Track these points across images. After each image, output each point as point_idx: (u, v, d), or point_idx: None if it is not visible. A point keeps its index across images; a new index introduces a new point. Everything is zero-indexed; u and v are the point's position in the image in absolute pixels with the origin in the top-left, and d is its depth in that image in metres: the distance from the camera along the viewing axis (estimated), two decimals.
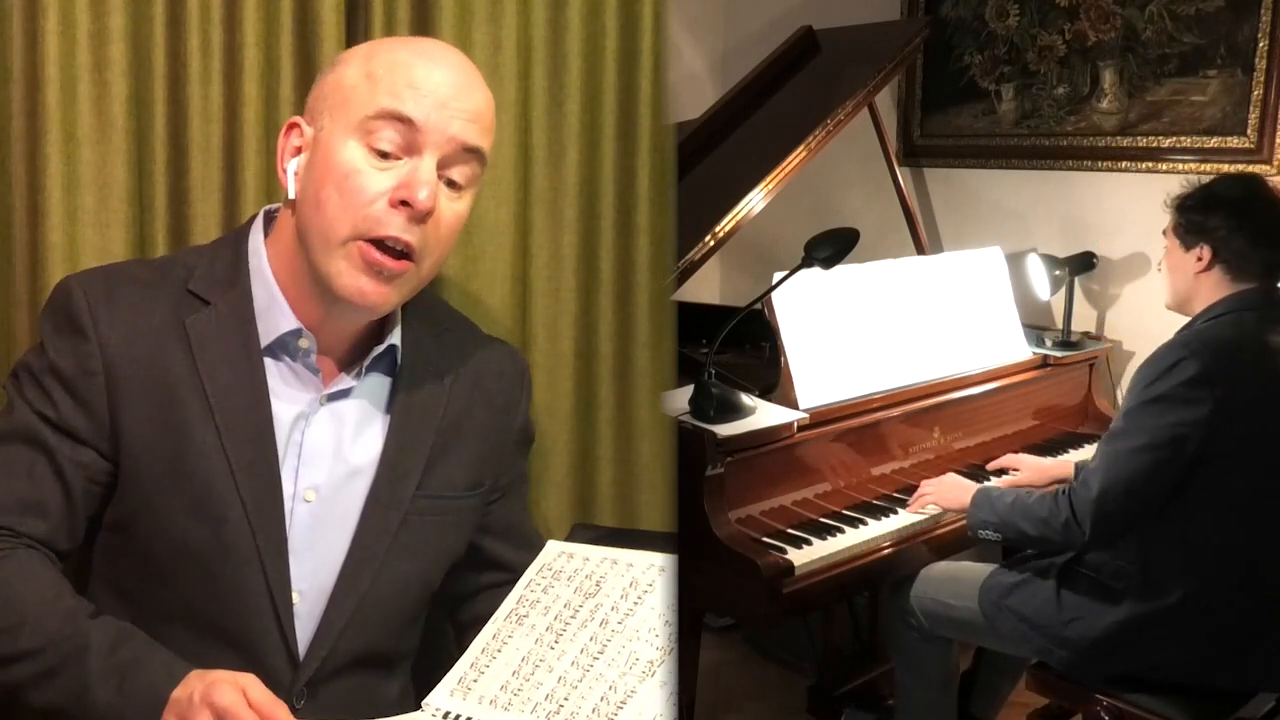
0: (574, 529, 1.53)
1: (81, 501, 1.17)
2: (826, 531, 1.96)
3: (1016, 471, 2.25)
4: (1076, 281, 2.63)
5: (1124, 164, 2.65)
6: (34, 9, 1.39)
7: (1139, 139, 2.62)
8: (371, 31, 1.55)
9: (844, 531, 1.97)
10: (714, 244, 2.12)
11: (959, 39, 2.93)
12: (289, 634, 1.19)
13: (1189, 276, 1.87)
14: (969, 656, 2.32)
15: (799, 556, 1.85)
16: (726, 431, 1.85)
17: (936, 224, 3.06)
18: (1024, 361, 2.44)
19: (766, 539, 1.91)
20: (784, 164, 2.22)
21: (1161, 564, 1.76)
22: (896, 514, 2.06)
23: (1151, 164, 2.59)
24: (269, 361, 1.20)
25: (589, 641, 1.18)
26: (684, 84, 3.20)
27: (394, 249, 1.15)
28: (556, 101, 1.63)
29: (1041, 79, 2.78)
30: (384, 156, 1.14)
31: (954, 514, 2.04)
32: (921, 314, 2.28)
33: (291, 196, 1.19)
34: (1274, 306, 1.83)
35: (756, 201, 2.18)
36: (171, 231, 1.50)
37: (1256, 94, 2.41)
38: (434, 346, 1.32)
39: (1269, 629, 1.76)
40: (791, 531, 1.95)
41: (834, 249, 1.93)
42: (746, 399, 1.94)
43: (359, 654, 1.24)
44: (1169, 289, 1.94)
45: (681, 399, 1.92)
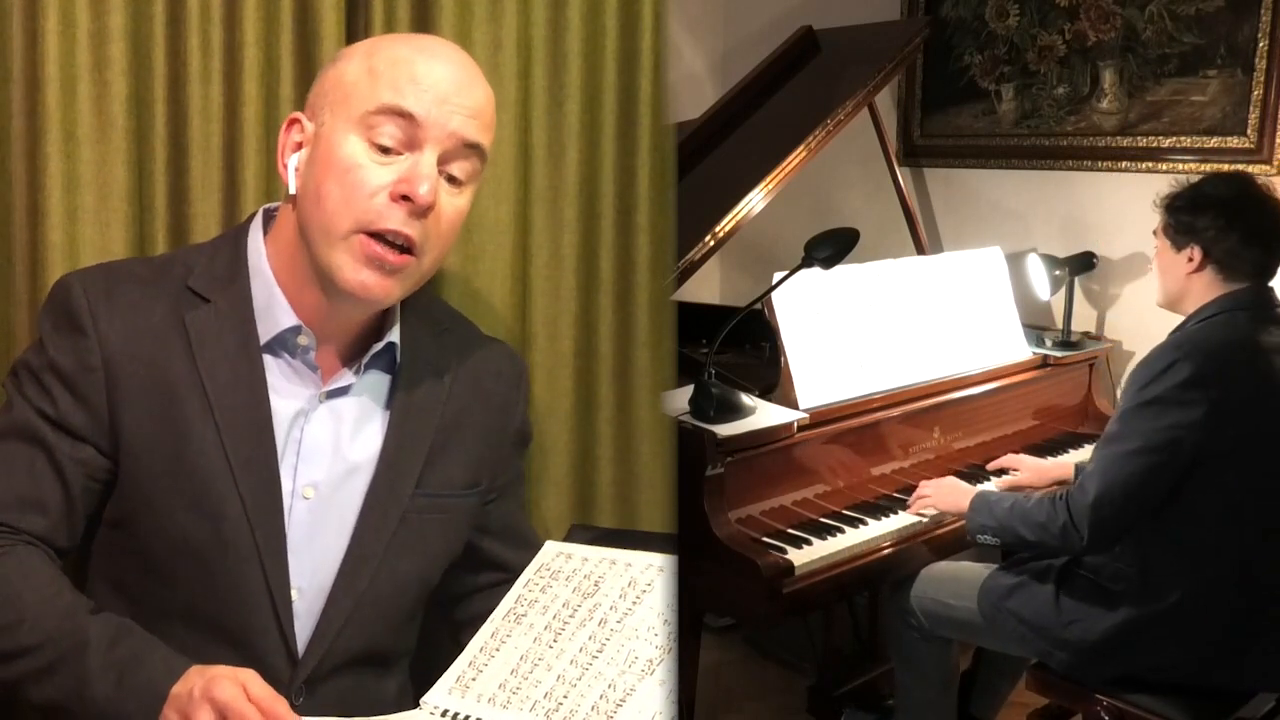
0: (571, 530, 1.53)
1: (81, 498, 1.17)
2: (826, 531, 1.96)
3: (1016, 471, 2.25)
4: (1076, 281, 2.63)
5: (1124, 164, 2.65)
6: (34, 9, 1.39)
7: (1139, 139, 2.62)
8: (371, 30, 1.55)
9: (844, 531, 1.97)
10: (714, 244, 2.12)
11: (959, 39, 2.93)
12: (288, 631, 1.19)
13: (1180, 277, 1.87)
14: (969, 656, 2.32)
15: (799, 556, 1.85)
16: (726, 431, 1.85)
17: (936, 224, 3.06)
18: (1024, 361, 2.44)
19: (766, 539, 1.90)
20: (784, 164, 2.22)
21: (1160, 566, 1.76)
22: (896, 514, 2.05)
23: (1151, 164, 2.59)
24: (268, 358, 1.21)
25: (588, 640, 1.18)
26: (684, 84, 3.20)
27: (395, 243, 1.15)
28: (556, 101, 1.63)
29: (1041, 79, 2.78)
30: (385, 151, 1.15)
31: (954, 514, 2.04)
32: (921, 314, 2.28)
33: (292, 191, 1.19)
34: (1266, 306, 1.83)
35: (756, 201, 2.18)
36: (171, 231, 1.50)
37: (1256, 94, 2.41)
38: (433, 345, 1.32)
39: (1265, 629, 1.76)
40: (791, 531, 1.95)
41: (834, 249, 1.93)
42: (746, 399, 1.94)
43: (358, 652, 1.24)
44: (1160, 289, 1.94)
45: (681, 399, 1.92)
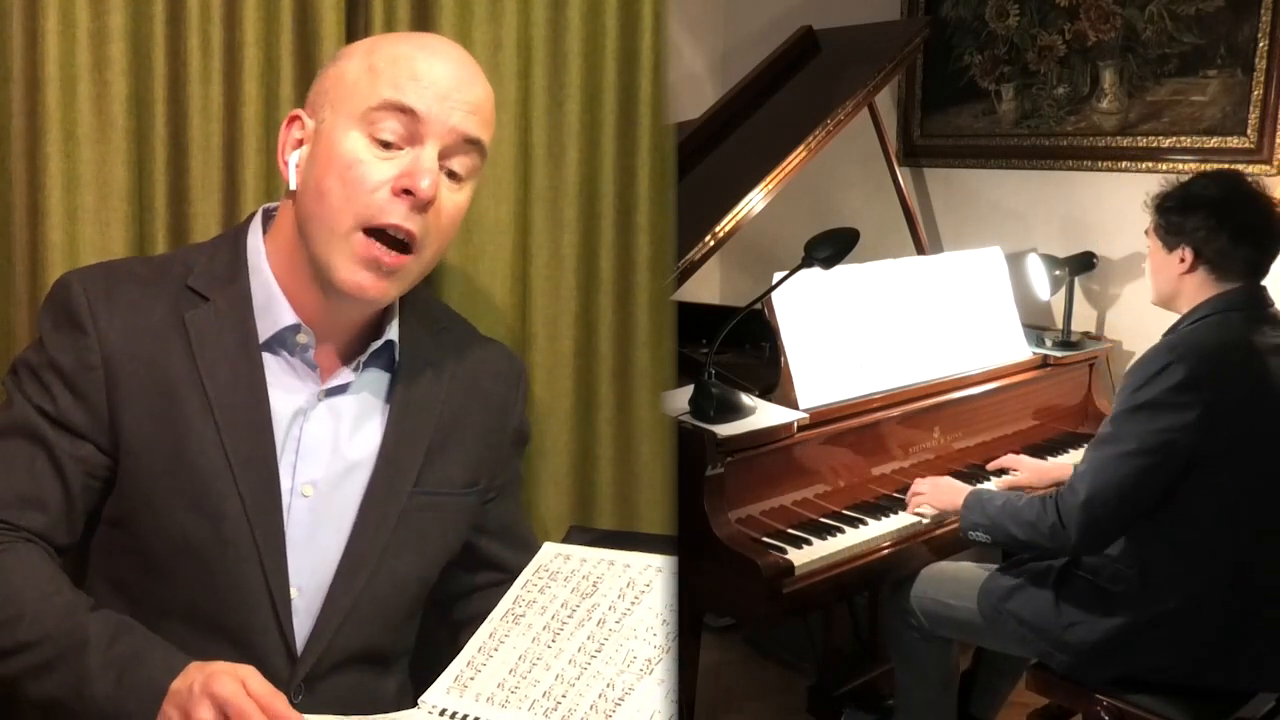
0: (570, 531, 1.53)
1: (80, 496, 1.17)
2: (826, 531, 1.96)
3: (1016, 472, 2.25)
4: (1076, 281, 2.63)
5: (1124, 164, 2.65)
6: (34, 8, 1.39)
7: (1139, 139, 2.62)
8: (371, 30, 1.55)
9: (844, 531, 1.97)
10: (714, 244, 2.12)
11: (959, 39, 2.93)
12: (287, 629, 1.19)
13: (1173, 278, 1.86)
14: (969, 656, 2.32)
15: (799, 556, 1.85)
16: (726, 431, 1.85)
17: (936, 224, 3.05)
18: (1024, 361, 2.44)
19: (766, 539, 1.90)
20: (784, 164, 2.22)
21: (1158, 568, 1.76)
22: (896, 514, 2.05)
23: (1151, 164, 2.59)
24: (268, 357, 1.21)
25: (586, 640, 1.18)
26: (684, 84, 3.20)
27: (395, 239, 1.15)
28: (556, 101, 1.63)
29: (1041, 79, 2.78)
30: (386, 146, 1.15)
31: (954, 515, 2.04)
32: (921, 314, 2.28)
33: (293, 188, 1.19)
34: (1259, 306, 1.83)
35: (756, 201, 2.18)
36: (171, 230, 1.50)
37: (1256, 94, 2.41)
38: (432, 345, 1.32)
39: (1260, 630, 1.75)
40: (791, 531, 1.95)
41: (834, 249, 1.93)
42: (746, 399, 1.94)
43: (356, 650, 1.24)
44: (1153, 289, 1.94)
45: (681, 399, 1.92)
